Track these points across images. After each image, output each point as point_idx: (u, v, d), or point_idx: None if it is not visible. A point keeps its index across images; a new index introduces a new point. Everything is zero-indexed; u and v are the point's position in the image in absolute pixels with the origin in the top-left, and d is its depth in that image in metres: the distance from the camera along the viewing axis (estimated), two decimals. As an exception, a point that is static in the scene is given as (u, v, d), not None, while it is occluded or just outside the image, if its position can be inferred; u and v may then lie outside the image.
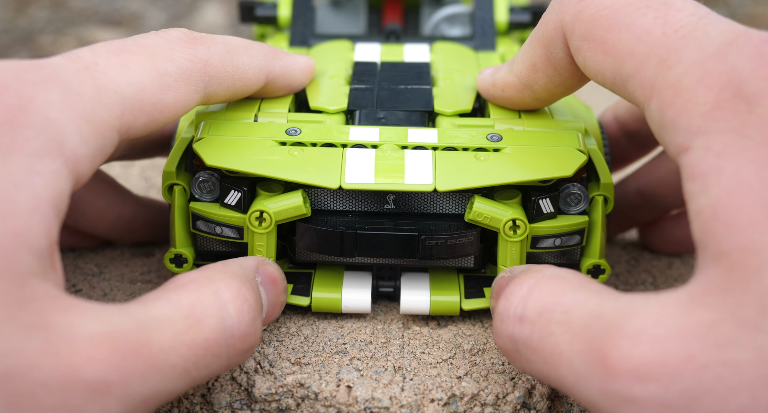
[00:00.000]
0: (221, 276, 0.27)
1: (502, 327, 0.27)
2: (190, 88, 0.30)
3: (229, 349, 0.26)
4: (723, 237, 0.23)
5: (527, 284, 0.27)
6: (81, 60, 0.27)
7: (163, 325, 0.25)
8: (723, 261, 0.22)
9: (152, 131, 0.29)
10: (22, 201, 0.24)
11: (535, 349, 0.25)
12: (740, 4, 1.27)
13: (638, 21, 0.27)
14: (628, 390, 0.22)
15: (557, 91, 0.32)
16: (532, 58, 0.31)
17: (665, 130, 0.25)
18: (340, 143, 0.32)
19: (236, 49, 0.32)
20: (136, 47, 0.29)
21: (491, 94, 0.34)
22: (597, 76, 0.28)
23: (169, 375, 0.24)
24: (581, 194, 0.32)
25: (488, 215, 0.31)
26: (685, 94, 0.25)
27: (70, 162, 0.25)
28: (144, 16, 1.30)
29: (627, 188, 0.40)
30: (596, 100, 0.54)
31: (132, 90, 0.28)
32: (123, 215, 0.38)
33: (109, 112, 0.27)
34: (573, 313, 0.25)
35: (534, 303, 0.26)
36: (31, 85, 0.26)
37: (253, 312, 0.27)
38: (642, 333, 0.22)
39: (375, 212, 0.33)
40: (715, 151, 0.23)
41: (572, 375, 0.24)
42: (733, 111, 0.23)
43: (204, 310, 0.26)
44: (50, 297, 0.23)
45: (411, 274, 0.34)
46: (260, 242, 0.32)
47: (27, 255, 0.23)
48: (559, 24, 0.30)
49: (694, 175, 0.24)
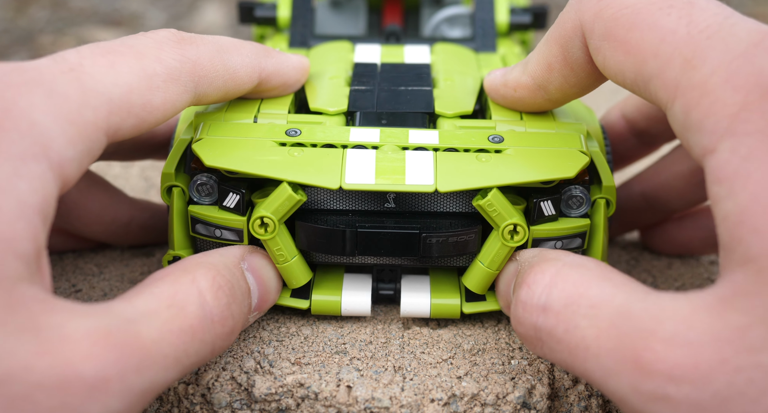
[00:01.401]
0: (196, 267, 0.28)
1: (525, 316, 0.27)
2: (179, 89, 0.30)
3: (212, 334, 0.27)
4: (750, 242, 0.23)
5: (549, 272, 0.27)
6: (66, 62, 0.27)
7: (150, 317, 0.25)
8: (750, 265, 0.23)
9: (141, 132, 0.29)
10: (7, 206, 0.23)
11: (560, 340, 0.26)
12: (740, 4, 1.27)
13: (662, 20, 0.26)
14: (661, 390, 0.23)
15: (572, 91, 0.32)
16: (548, 58, 0.31)
17: (690, 131, 0.25)
18: (340, 144, 0.32)
19: (226, 49, 0.32)
20: (123, 48, 0.29)
21: (501, 94, 0.34)
22: (617, 76, 0.28)
23: (163, 365, 0.25)
24: (583, 197, 0.32)
25: (498, 210, 0.31)
26: (711, 95, 0.24)
27: (55, 165, 0.25)
28: (144, 16, 1.30)
29: (631, 191, 0.40)
30: (597, 102, 0.54)
31: (119, 91, 0.27)
32: (118, 218, 0.38)
33: (96, 114, 0.27)
34: (600, 308, 0.25)
35: (558, 292, 0.26)
36: (15, 88, 0.25)
37: (227, 298, 0.28)
38: (676, 338, 0.23)
39: (375, 211, 0.33)
40: (741, 154, 0.23)
41: (600, 369, 0.24)
42: (761, 112, 0.23)
43: (184, 298, 0.26)
44: (38, 300, 0.23)
45: (411, 277, 0.34)
46: (276, 246, 0.31)
47: (13, 260, 0.23)
48: (578, 23, 0.29)
49: (720, 179, 0.24)
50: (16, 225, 0.23)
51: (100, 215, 0.37)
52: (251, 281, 0.31)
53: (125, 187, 0.48)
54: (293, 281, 0.33)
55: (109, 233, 0.38)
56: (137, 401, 0.24)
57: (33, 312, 0.23)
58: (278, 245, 0.31)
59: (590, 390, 0.32)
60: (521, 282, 0.28)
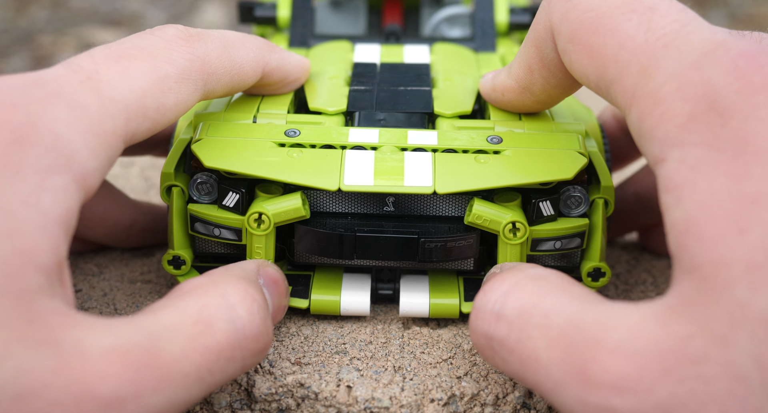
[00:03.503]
0: (226, 279, 0.27)
1: (477, 323, 0.27)
2: (190, 88, 0.30)
3: (243, 351, 0.26)
4: (695, 251, 0.23)
5: (508, 282, 0.27)
6: (83, 70, 0.27)
7: (173, 333, 0.24)
8: (695, 274, 0.23)
9: (154, 134, 0.29)
10: (30, 219, 0.24)
11: (512, 350, 0.25)
12: (740, 4, 1.27)
13: (623, 26, 0.26)
14: (606, 402, 0.23)
15: (555, 92, 0.32)
16: (527, 60, 0.31)
17: (644, 139, 0.25)
18: (339, 145, 0.32)
19: (232, 44, 0.32)
20: (134, 51, 0.29)
21: (492, 99, 0.34)
22: (582, 78, 0.28)
23: (183, 384, 0.24)
24: (582, 197, 0.32)
25: (488, 217, 0.31)
26: (662, 104, 0.24)
27: (78, 176, 0.25)
28: (144, 16, 1.30)
29: (624, 192, 0.40)
30: (596, 100, 0.54)
31: (134, 96, 0.28)
32: (120, 222, 0.38)
33: (115, 122, 0.27)
34: (552, 318, 0.25)
35: (513, 302, 0.26)
36: (38, 102, 0.26)
37: (263, 312, 0.27)
38: (622, 348, 0.23)
39: (374, 214, 0.33)
40: (689, 164, 0.23)
41: (549, 381, 0.24)
42: (707, 124, 0.23)
43: (213, 314, 0.25)
44: (59, 313, 0.23)
45: (410, 277, 0.34)
46: (259, 244, 0.32)
47: (34, 273, 0.23)
48: (548, 23, 0.29)
49: (669, 187, 0.24)
50: (38, 238, 0.24)
51: (102, 218, 0.37)
52: (267, 296, 0.30)
53: (125, 186, 0.48)
54: None
55: (111, 236, 0.38)
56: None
57: (53, 327, 0.23)
58: (262, 244, 0.32)
59: None
60: (480, 290, 0.28)
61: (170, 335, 0.24)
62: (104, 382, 0.23)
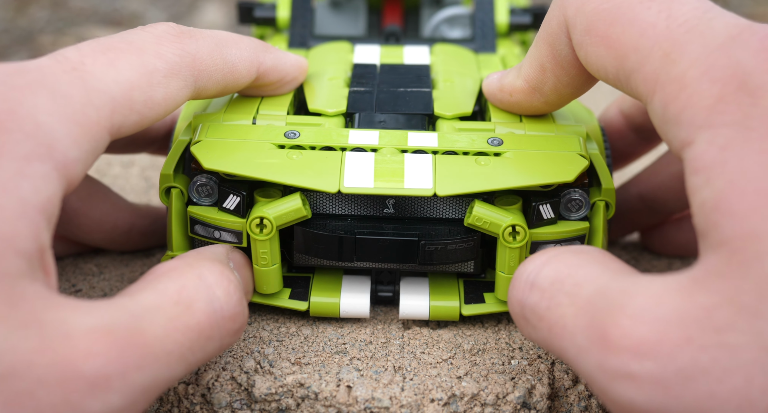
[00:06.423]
0: (201, 262, 0.28)
1: (513, 292, 0.27)
2: (180, 83, 0.30)
3: (221, 330, 0.27)
4: (724, 226, 0.23)
5: (547, 254, 0.27)
6: (68, 61, 0.27)
7: (155, 313, 0.25)
8: (723, 247, 0.23)
9: (142, 128, 0.29)
10: (9, 205, 0.24)
11: (541, 317, 0.26)
12: (740, 4, 1.27)
13: (642, 15, 0.26)
14: (625, 367, 0.23)
15: (566, 91, 0.32)
16: (539, 58, 0.31)
17: (669, 124, 0.25)
18: (339, 146, 0.32)
19: (225, 42, 0.32)
20: (123, 44, 0.29)
21: (498, 99, 0.34)
22: (599, 71, 0.28)
23: (166, 362, 0.25)
24: (582, 200, 0.32)
25: (488, 220, 0.31)
26: (689, 88, 0.25)
27: (60, 165, 0.25)
28: (144, 16, 1.30)
29: (628, 193, 0.40)
30: (597, 101, 0.54)
31: (121, 89, 0.28)
32: (119, 226, 0.38)
33: (99, 113, 0.27)
34: (582, 287, 0.25)
35: (548, 271, 0.26)
36: (19, 89, 0.25)
37: (239, 293, 0.28)
38: (643, 313, 0.23)
39: (374, 216, 0.33)
40: (718, 144, 0.23)
41: (574, 347, 0.24)
42: (737, 104, 0.24)
43: (192, 295, 0.26)
44: (41, 296, 0.23)
45: (410, 279, 0.34)
46: (263, 249, 0.31)
47: (14, 257, 0.23)
48: (562, 19, 0.29)
49: (697, 169, 0.24)
50: (17, 224, 0.24)
51: (100, 223, 0.37)
52: None
53: (125, 186, 0.48)
54: (265, 286, 0.33)
55: (109, 240, 0.38)
56: (139, 397, 0.24)
57: (35, 309, 0.23)
58: (266, 248, 0.31)
59: (590, 390, 0.32)
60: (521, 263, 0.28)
61: (151, 315, 0.25)
62: (89, 361, 0.23)
